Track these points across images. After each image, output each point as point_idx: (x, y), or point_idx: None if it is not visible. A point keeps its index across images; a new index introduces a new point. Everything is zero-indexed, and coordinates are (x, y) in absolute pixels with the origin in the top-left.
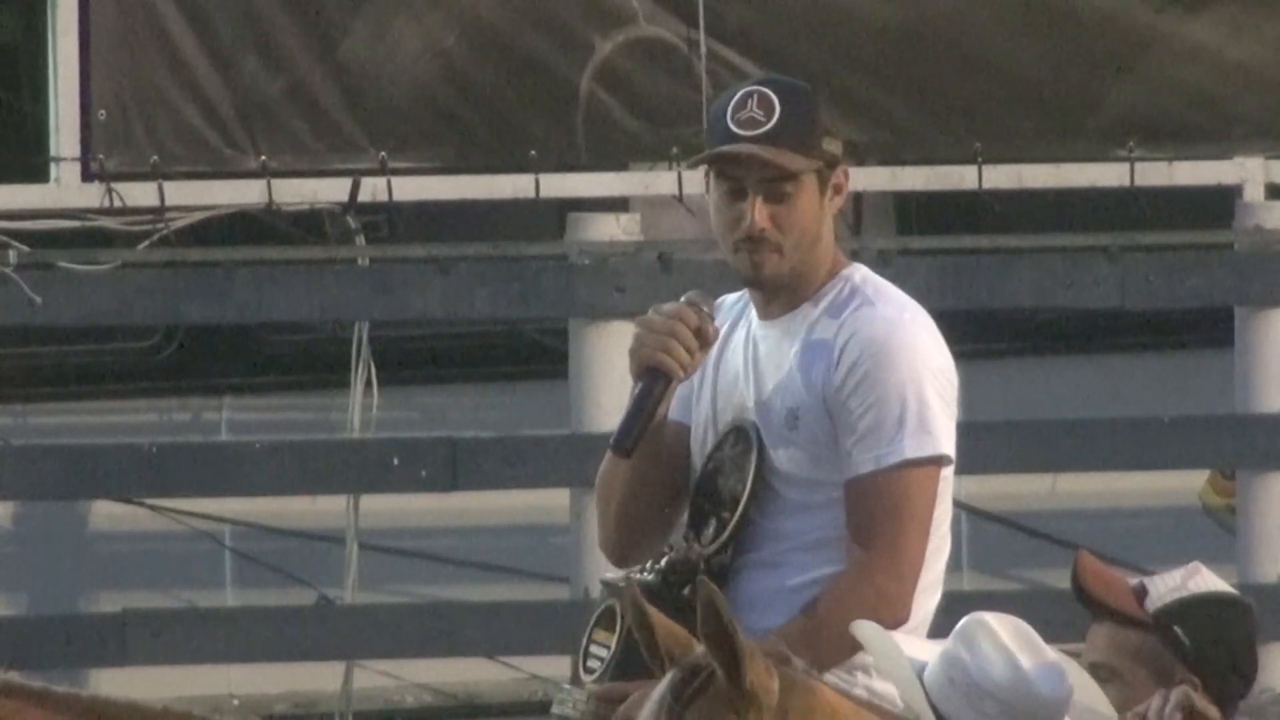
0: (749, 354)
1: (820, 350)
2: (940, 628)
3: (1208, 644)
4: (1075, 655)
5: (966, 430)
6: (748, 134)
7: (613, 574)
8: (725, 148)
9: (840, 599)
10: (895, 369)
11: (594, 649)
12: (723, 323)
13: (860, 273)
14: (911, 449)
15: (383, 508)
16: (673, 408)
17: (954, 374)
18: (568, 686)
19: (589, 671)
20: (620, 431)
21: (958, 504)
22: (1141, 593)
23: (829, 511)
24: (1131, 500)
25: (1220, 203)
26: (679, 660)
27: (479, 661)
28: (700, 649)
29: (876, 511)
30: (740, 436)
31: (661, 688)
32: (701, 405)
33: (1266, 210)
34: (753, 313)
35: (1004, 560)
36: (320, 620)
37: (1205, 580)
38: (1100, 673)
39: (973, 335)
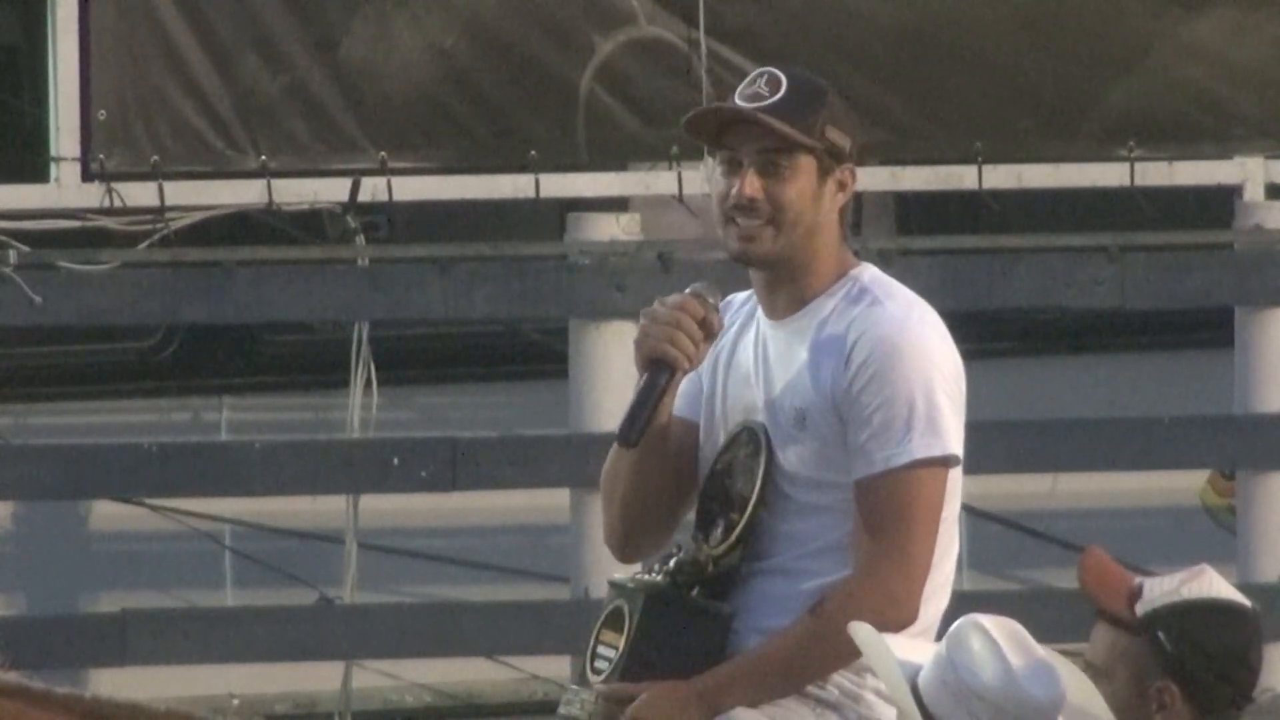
0: (758, 354)
1: (829, 350)
2: (941, 628)
3: (1189, 651)
4: (1077, 655)
5: (967, 430)
6: (750, 105)
7: (621, 574)
8: (718, 104)
9: (848, 599)
10: (905, 369)
11: (601, 649)
12: (731, 322)
13: (869, 272)
14: (921, 449)
15: (383, 508)
16: (680, 405)
17: (962, 374)
18: (574, 687)
19: (596, 672)
20: (625, 422)
21: None
22: (1136, 594)
23: (838, 514)
24: (1131, 500)
25: (1220, 203)
26: None
27: (479, 661)
28: None
29: (885, 511)
30: (750, 438)
31: None
32: (711, 406)
33: (1266, 210)
34: (761, 313)
35: (1004, 560)
36: (320, 620)
37: (1204, 585)
38: (1092, 672)
39: (973, 335)
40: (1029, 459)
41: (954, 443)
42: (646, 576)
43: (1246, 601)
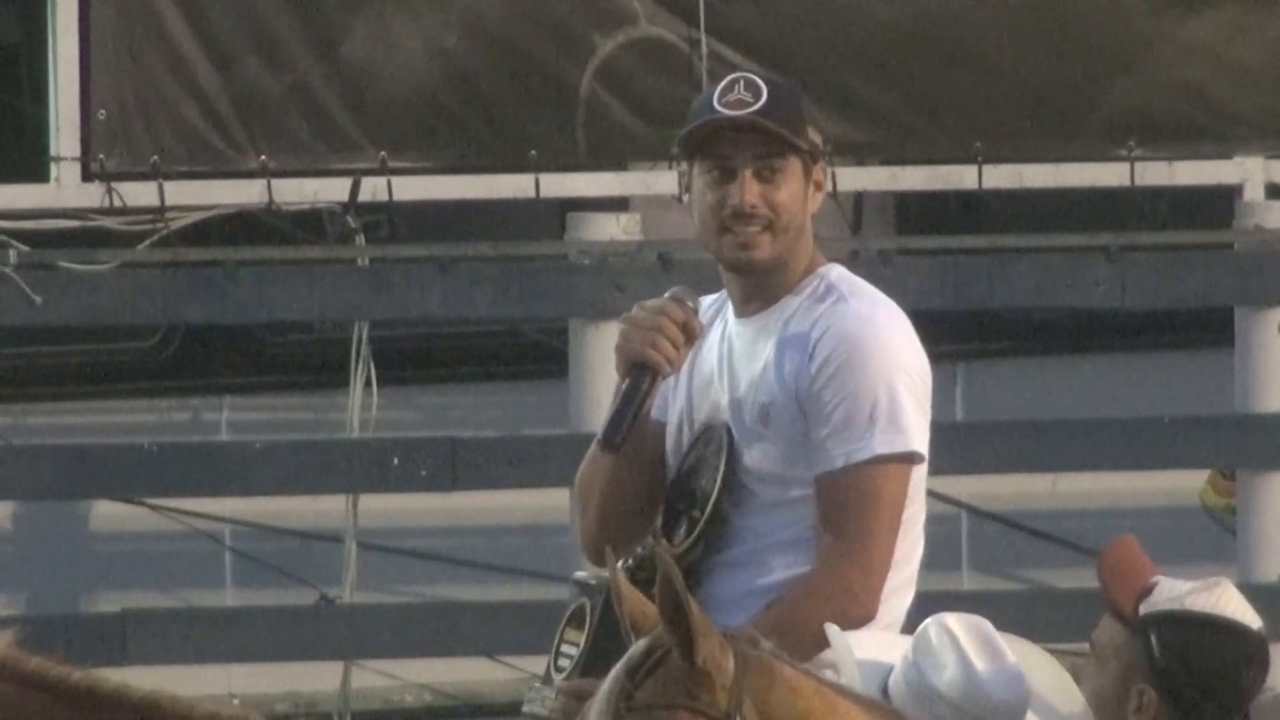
0: (724, 352)
1: (793, 346)
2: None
3: (1175, 662)
4: (1077, 655)
5: (967, 430)
6: (737, 113)
7: (583, 573)
8: (723, 113)
9: (807, 594)
10: (867, 365)
11: (565, 648)
12: (706, 325)
13: (836, 270)
14: (882, 445)
15: (383, 508)
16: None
17: (928, 372)
18: (539, 685)
19: (559, 670)
20: (609, 427)
21: (958, 504)
22: (1146, 592)
23: (801, 510)
24: (1131, 500)
25: (1220, 203)
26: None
27: (479, 661)
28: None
29: (846, 507)
30: (714, 435)
31: (619, 664)
32: (677, 405)
33: (1266, 210)
34: (730, 311)
35: (1004, 560)
36: (320, 620)
37: (1211, 599)
38: (1092, 653)
39: (973, 335)
40: (1029, 459)
41: (917, 439)
42: (610, 574)
43: (1253, 623)
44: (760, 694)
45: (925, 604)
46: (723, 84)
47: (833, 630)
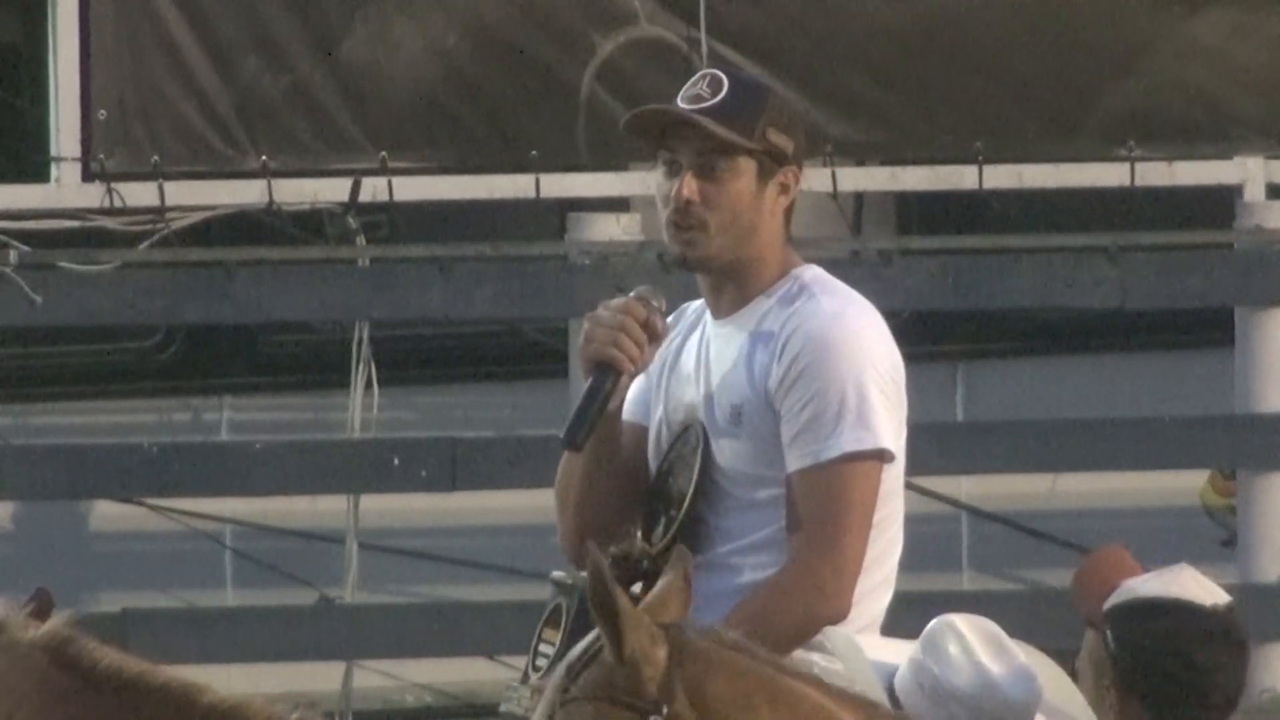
0: (701, 354)
1: (763, 345)
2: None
3: (1127, 651)
4: (1075, 655)
5: (967, 430)
6: (689, 107)
7: (560, 573)
8: (654, 106)
9: (776, 593)
10: (836, 362)
11: (542, 647)
12: (683, 328)
13: (812, 271)
14: (850, 443)
15: (383, 508)
16: (631, 409)
17: (900, 371)
18: (515, 685)
19: (537, 669)
20: (571, 426)
21: (958, 504)
22: (1109, 593)
23: (775, 510)
24: (1131, 500)
25: (1220, 203)
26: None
27: (479, 661)
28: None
29: (815, 505)
30: (691, 436)
31: (564, 660)
32: (657, 406)
33: (1266, 210)
34: (708, 314)
35: (1004, 560)
36: (320, 620)
37: (1162, 583)
38: (1078, 670)
39: (973, 335)
40: (1029, 459)
41: (886, 437)
42: (584, 575)
43: (1208, 599)
44: (695, 684)
45: (925, 604)
46: (693, 78)
47: (836, 632)
